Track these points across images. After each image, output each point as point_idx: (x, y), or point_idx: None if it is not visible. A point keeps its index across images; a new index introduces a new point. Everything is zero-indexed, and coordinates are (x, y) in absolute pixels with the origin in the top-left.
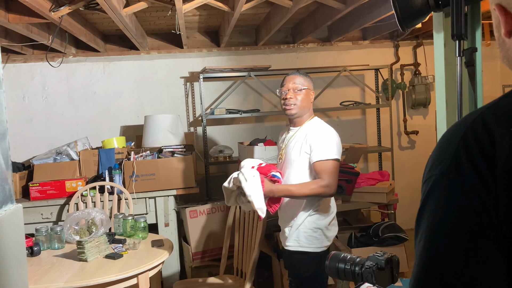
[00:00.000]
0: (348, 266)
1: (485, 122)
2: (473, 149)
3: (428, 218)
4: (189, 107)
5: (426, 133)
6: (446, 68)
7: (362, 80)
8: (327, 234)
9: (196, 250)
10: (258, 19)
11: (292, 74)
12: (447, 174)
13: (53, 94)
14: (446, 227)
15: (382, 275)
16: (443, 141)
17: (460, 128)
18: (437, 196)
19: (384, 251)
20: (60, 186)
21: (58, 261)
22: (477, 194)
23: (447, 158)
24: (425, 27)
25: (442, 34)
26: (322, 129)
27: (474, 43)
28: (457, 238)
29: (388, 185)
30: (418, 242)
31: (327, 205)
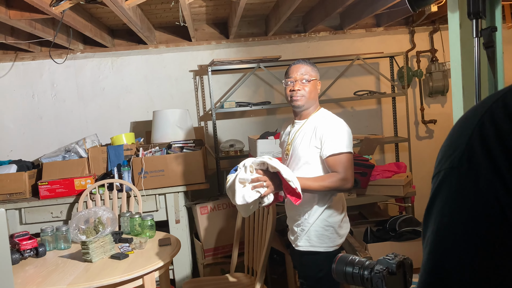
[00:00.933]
0: (357, 270)
1: (506, 106)
2: (490, 138)
3: (435, 221)
4: (198, 101)
5: (444, 122)
6: (462, 50)
7: (376, 68)
8: (339, 232)
9: (207, 247)
10: (267, 8)
11: (298, 63)
12: (459, 168)
13: (62, 91)
14: (454, 233)
15: (393, 280)
16: (456, 128)
17: (477, 114)
18: (446, 194)
19: (395, 253)
20: (69, 185)
21: (63, 262)
22: (493, 192)
23: (459, 148)
24: (441, 11)
25: (458, 13)
26: (331, 121)
27: (493, 22)
28: (466, 246)
29: (405, 177)
30: (425, 247)
31: (339, 201)
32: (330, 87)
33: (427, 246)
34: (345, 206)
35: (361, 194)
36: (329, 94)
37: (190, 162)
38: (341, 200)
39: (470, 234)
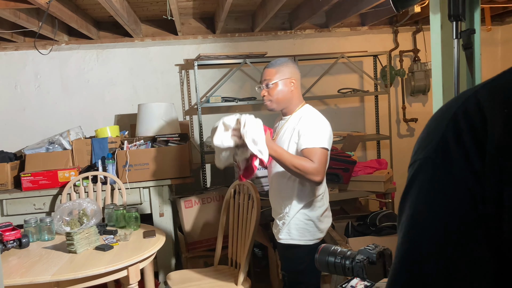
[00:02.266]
0: (339, 260)
1: (478, 101)
2: (463, 131)
3: (410, 207)
4: (184, 95)
5: (425, 120)
6: (442, 51)
7: (360, 67)
8: (319, 226)
9: (191, 240)
10: (254, 4)
11: (265, 68)
12: (433, 158)
13: (46, 83)
14: (428, 218)
15: (373, 270)
16: (431, 122)
17: (451, 108)
18: (420, 182)
19: (376, 244)
20: (53, 176)
21: (47, 253)
22: (464, 181)
23: (434, 140)
24: (424, 12)
25: (439, 15)
26: (311, 117)
27: (472, 24)
28: (439, 231)
29: (385, 173)
30: (399, 232)
31: (322, 196)
32: (315, 85)
33: (402, 230)
34: (327, 202)
35: (343, 190)
36: (313, 91)
37: (175, 156)
38: (324, 195)
39: (443, 219)
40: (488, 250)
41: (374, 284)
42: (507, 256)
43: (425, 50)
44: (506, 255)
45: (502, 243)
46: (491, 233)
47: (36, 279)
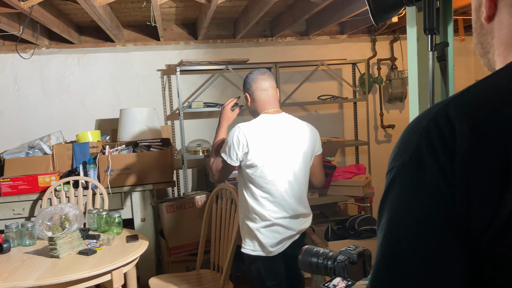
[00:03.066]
0: (321, 261)
1: (447, 114)
2: (434, 141)
3: (389, 210)
4: (166, 100)
5: (402, 127)
6: (418, 62)
7: (339, 74)
8: (260, 239)
9: (173, 245)
10: (236, 11)
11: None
12: (409, 166)
13: (26, 87)
14: (405, 219)
15: (354, 269)
16: (406, 132)
17: (423, 120)
18: (398, 187)
19: (356, 245)
20: (33, 181)
21: (29, 258)
22: (437, 187)
23: (409, 149)
24: (402, 22)
25: (415, 28)
26: (235, 127)
27: (446, 37)
28: (416, 230)
29: (364, 178)
30: (379, 233)
31: (254, 207)
32: (295, 91)
33: (382, 232)
34: (265, 215)
35: (323, 194)
36: (294, 98)
37: (157, 160)
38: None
39: (418, 220)
40: (459, 248)
41: (354, 283)
42: (475, 254)
43: (402, 59)
44: (474, 253)
45: (470, 241)
46: (461, 232)
47: (19, 284)
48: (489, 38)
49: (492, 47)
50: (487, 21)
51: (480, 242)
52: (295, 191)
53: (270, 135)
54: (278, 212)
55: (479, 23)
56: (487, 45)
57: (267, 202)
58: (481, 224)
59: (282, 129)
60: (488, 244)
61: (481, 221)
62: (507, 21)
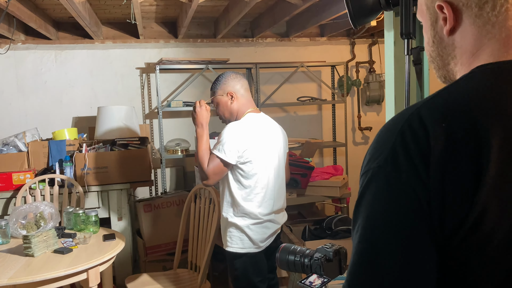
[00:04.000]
0: (298, 258)
1: (420, 117)
2: (409, 143)
3: (365, 210)
4: (145, 99)
5: (379, 129)
6: (395, 65)
7: (319, 76)
8: (252, 236)
9: (150, 244)
10: (217, 11)
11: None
12: (384, 167)
13: (0, 83)
14: (381, 219)
15: (330, 267)
16: (380, 135)
17: (397, 123)
18: (374, 188)
19: (332, 243)
20: (7, 179)
21: (2, 256)
22: (412, 187)
23: (384, 151)
24: (380, 26)
25: (392, 32)
26: (230, 126)
27: (422, 42)
28: (391, 229)
29: (341, 179)
30: (355, 233)
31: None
32: (275, 92)
33: (358, 231)
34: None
35: (301, 194)
36: (273, 99)
37: (135, 159)
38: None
39: (394, 220)
40: (433, 247)
41: (330, 280)
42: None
43: (380, 62)
44: (446, 251)
45: (443, 241)
46: (435, 231)
47: None
48: (450, 50)
49: (453, 58)
50: (448, 34)
51: (451, 241)
52: (279, 186)
53: (260, 133)
54: (267, 208)
55: (438, 37)
56: (448, 56)
57: (259, 198)
58: (453, 224)
59: (266, 128)
60: (459, 243)
61: (453, 221)
62: (471, 31)
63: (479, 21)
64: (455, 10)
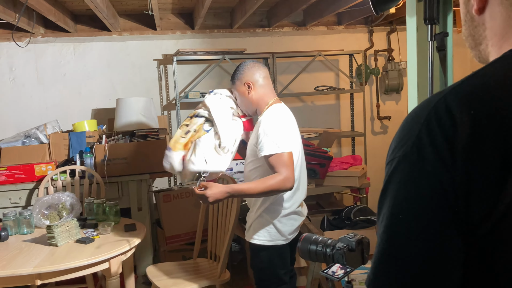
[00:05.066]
0: (320, 248)
1: (447, 105)
2: (435, 131)
3: (390, 199)
4: (162, 90)
5: (398, 118)
6: (418, 52)
7: (336, 65)
8: (280, 228)
9: (169, 234)
10: (233, 1)
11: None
12: (410, 156)
13: (21, 75)
14: (406, 208)
15: (352, 256)
16: (406, 123)
17: (423, 110)
18: (399, 177)
19: (355, 233)
20: (29, 170)
21: (27, 246)
22: (437, 176)
23: (410, 140)
24: (399, 13)
25: (415, 18)
26: (268, 119)
27: (445, 27)
28: (416, 219)
29: (360, 169)
30: (380, 222)
31: (280, 199)
32: (292, 82)
33: (383, 221)
34: (289, 205)
35: (320, 185)
36: (290, 89)
37: (154, 150)
38: (282, 198)
39: (419, 209)
40: (459, 237)
41: (353, 269)
42: (474, 242)
43: (398, 50)
44: (473, 241)
45: (470, 230)
46: (461, 221)
47: (18, 271)
48: (481, 30)
49: (484, 38)
50: (477, 13)
51: (479, 231)
52: (304, 178)
53: (293, 123)
54: (298, 200)
55: (469, 16)
56: (479, 37)
57: (295, 189)
58: (481, 213)
59: (293, 118)
60: (487, 233)
61: (480, 211)
62: (499, 12)
63: (506, 1)
64: None
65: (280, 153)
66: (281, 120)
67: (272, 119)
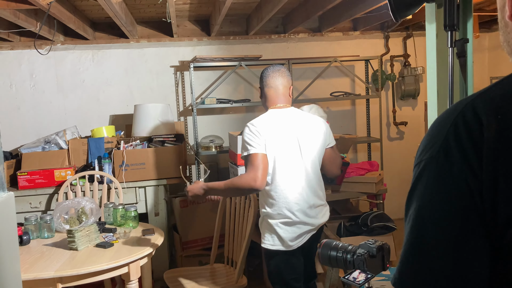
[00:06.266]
0: (340, 254)
1: (475, 109)
2: (462, 134)
3: (417, 201)
4: (179, 96)
5: (414, 124)
6: (437, 58)
7: (352, 71)
8: (279, 233)
9: (186, 239)
10: (249, 8)
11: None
12: (437, 158)
13: (41, 82)
14: (433, 209)
15: (373, 263)
16: (434, 126)
17: (451, 115)
18: (426, 179)
19: (375, 239)
20: (49, 175)
21: (48, 250)
22: (464, 178)
23: (437, 142)
24: (415, 18)
25: (435, 24)
26: (247, 125)
27: (465, 34)
28: (443, 221)
29: (377, 175)
30: (407, 223)
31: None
32: (308, 88)
33: (410, 222)
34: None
35: (336, 191)
36: (306, 94)
37: (171, 156)
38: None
39: (445, 210)
40: (484, 239)
41: (374, 275)
42: (500, 245)
43: (415, 55)
44: (499, 244)
45: (495, 233)
46: (487, 223)
47: (40, 275)
48: None
49: None
50: (510, 19)
51: (505, 234)
52: (309, 182)
53: (280, 128)
54: (296, 205)
55: (504, 22)
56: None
57: (285, 194)
58: (507, 216)
59: (290, 122)
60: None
61: (506, 214)
62: None
63: None
64: None
65: (247, 155)
66: (256, 124)
67: (249, 124)
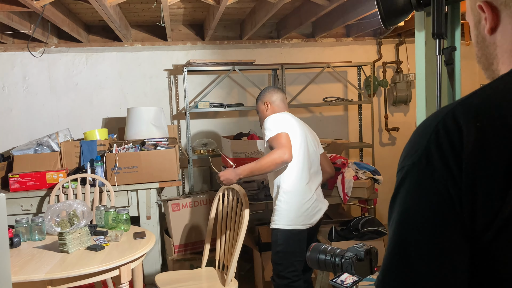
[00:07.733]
0: (329, 257)
1: (455, 117)
2: (443, 141)
3: (399, 205)
4: (172, 100)
5: (406, 129)
6: (426, 66)
7: (345, 76)
8: (299, 210)
9: (178, 243)
10: (243, 13)
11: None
12: (418, 164)
13: (34, 84)
14: (415, 214)
15: (361, 266)
16: (416, 133)
17: (432, 122)
18: (408, 184)
19: (363, 243)
20: (41, 178)
21: (39, 252)
22: (444, 184)
23: (419, 149)
24: (407, 25)
25: (423, 32)
26: (267, 119)
27: (453, 42)
28: (424, 225)
29: (368, 180)
30: (390, 227)
31: (286, 184)
32: (300, 93)
33: (392, 226)
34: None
35: (328, 195)
36: (299, 100)
37: (163, 159)
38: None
39: (426, 215)
40: (464, 243)
41: (361, 279)
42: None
43: (407, 62)
44: (477, 247)
45: (474, 237)
46: (466, 227)
47: (30, 277)
48: (492, 49)
49: (495, 57)
50: (490, 33)
51: (483, 238)
52: (316, 167)
53: (294, 122)
54: (315, 185)
55: (481, 37)
56: (490, 56)
57: (308, 176)
58: (485, 221)
59: (300, 122)
60: (491, 240)
61: (484, 218)
62: (510, 30)
63: None
64: (494, 9)
65: (274, 135)
66: (276, 116)
67: (268, 118)
